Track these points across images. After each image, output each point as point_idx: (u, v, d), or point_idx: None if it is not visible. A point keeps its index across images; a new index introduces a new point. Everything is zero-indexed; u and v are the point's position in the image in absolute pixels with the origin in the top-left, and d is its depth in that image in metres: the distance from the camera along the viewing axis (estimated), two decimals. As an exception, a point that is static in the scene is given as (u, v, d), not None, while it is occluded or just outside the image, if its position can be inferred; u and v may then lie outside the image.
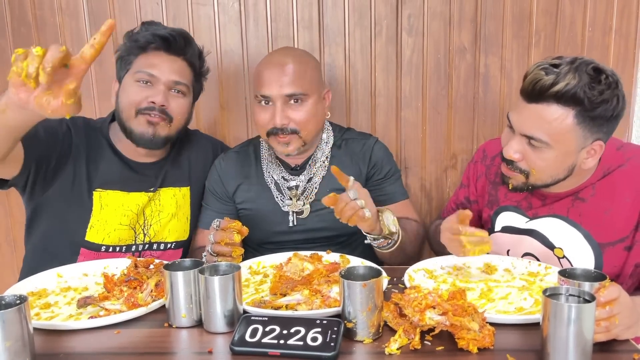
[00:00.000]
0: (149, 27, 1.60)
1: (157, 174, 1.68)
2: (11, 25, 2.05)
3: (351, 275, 1.15)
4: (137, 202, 1.65)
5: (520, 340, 1.10)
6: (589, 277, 1.11)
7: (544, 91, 1.28)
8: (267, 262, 1.54)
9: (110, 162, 1.64)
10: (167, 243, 1.71)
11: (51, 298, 1.34)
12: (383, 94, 2.08)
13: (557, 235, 1.46)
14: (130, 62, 1.57)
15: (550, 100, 1.28)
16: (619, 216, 1.39)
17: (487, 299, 1.28)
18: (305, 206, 1.68)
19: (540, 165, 1.35)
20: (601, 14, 2.01)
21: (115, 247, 1.65)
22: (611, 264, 1.41)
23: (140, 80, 1.55)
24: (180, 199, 1.72)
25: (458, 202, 1.73)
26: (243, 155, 1.77)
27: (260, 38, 2.05)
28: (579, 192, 1.44)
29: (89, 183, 1.61)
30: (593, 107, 1.26)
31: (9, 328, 0.99)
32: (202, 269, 1.17)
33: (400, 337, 1.08)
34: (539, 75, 1.29)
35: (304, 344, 1.05)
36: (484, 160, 1.65)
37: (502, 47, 2.03)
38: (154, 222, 1.68)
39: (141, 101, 1.55)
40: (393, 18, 2.02)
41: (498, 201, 1.58)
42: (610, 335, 1.03)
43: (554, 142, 1.31)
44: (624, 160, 1.41)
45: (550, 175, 1.37)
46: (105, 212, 1.62)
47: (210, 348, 1.09)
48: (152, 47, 1.57)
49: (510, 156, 1.37)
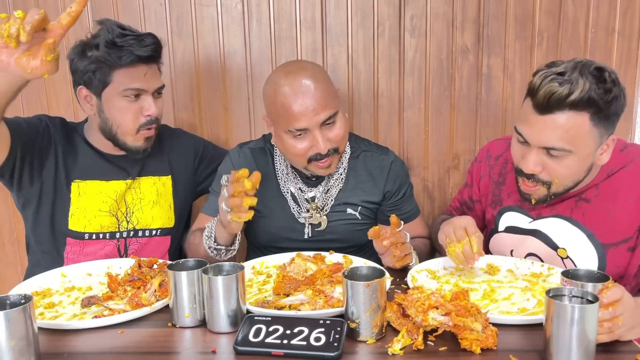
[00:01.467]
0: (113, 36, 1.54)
1: (133, 164, 1.72)
2: (15, 25, 2.05)
3: (354, 276, 1.16)
4: (115, 188, 1.69)
5: (523, 340, 1.10)
6: (592, 278, 1.11)
7: (562, 102, 1.26)
8: (270, 262, 1.54)
9: (88, 155, 1.69)
10: (152, 230, 1.74)
11: (55, 297, 1.35)
12: (385, 95, 2.08)
13: (560, 235, 1.47)
14: (108, 74, 1.56)
15: (564, 109, 1.27)
16: (623, 217, 1.39)
17: (490, 299, 1.28)
18: (323, 218, 1.66)
19: (563, 173, 1.34)
20: (604, 15, 2.01)
21: (99, 234, 1.68)
22: (615, 265, 1.41)
23: (129, 96, 1.58)
24: (161, 187, 1.76)
25: (462, 200, 1.73)
26: (260, 153, 1.72)
27: (263, 39, 2.05)
28: (582, 192, 1.44)
29: (68, 175, 1.66)
30: (606, 107, 1.26)
31: (14, 327, 0.99)
32: (206, 269, 1.18)
33: (404, 338, 1.08)
34: (552, 87, 1.26)
35: (308, 344, 1.06)
36: (488, 160, 1.65)
37: (505, 48, 2.03)
38: (136, 210, 1.72)
39: (137, 116, 1.60)
40: (396, 19, 2.03)
41: (501, 201, 1.58)
42: (613, 336, 1.03)
43: (575, 147, 1.29)
44: (627, 161, 1.42)
45: (573, 180, 1.37)
46: (83, 199, 1.66)
47: (214, 348, 1.10)
48: (134, 63, 1.57)
49: (531, 170, 1.35)
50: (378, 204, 1.71)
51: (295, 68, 1.56)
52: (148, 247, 1.74)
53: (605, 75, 1.27)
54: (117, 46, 1.53)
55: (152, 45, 1.58)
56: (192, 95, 2.11)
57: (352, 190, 1.68)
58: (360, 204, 1.68)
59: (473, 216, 1.62)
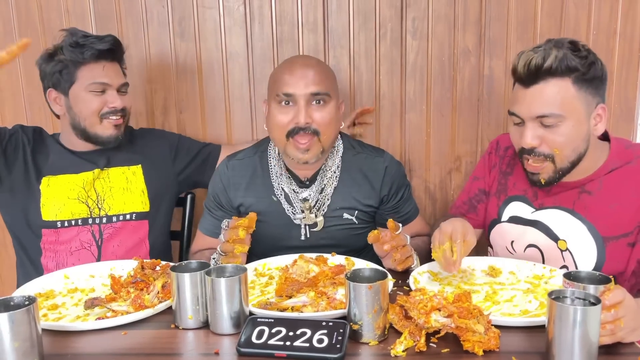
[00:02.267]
0: (76, 38, 1.68)
1: (100, 156, 1.79)
2: (18, 29, 2.06)
3: (357, 278, 1.16)
4: (83, 177, 1.76)
5: (526, 342, 1.10)
6: (593, 280, 1.12)
7: (539, 69, 1.35)
8: (272, 264, 1.54)
9: (58, 153, 1.77)
10: (125, 215, 1.79)
11: (59, 299, 1.36)
12: (387, 97, 2.09)
13: (561, 227, 1.47)
14: (74, 73, 1.68)
15: (547, 77, 1.35)
16: (624, 211, 1.40)
17: (492, 301, 1.28)
18: (319, 218, 1.64)
19: (561, 141, 1.37)
20: (605, 17, 2.02)
21: (71, 221, 1.74)
22: (614, 259, 1.41)
23: (95, 90, 1.68)
24: (131, 175, 1.82)
25: (471, 195, 1.69)
26: (248, 163, 1.71)
27: (265, 41, 2.06)
28: (585, 184, 1.45)
29: (38, 171, 1.74)
30: (586, 70, 1.34)
31: (18, 329, 1.00)
32: (209, 270, 1.18)
33: (406, 339, 1.08)
34: (528, 57, 1.36)
35: (310, 345, 1.06)
36: (497, 152, 1.66)
37: (507, 50, 2.03)
38: (107, 197, 1.78)
39: (101, 107, 1.70)
40: (397, 21, 2.03)
41: (507, 190, 1.59)
42: (615, 338, 1.04)
43: (565, 112, 1.35)
44: (632, 157, 1.44)
45: (573, 149, 1.38)
46: (52, 189, 1.73)
47: (216, 349, 1.10)
48: (96, 58, 1.68)
49: (529, 144, 1.39)
50: (375, 207, 1.70)
51: (305, 55, 1.79)
52: (124, 231, 1.78)
53: (579, 46, 1.37)
54: (80, 45, 1.66)
55: (112, 40, 1.70)
56: (194, 97, 2.11)
57: (348, 193, 1.66)
58: (356, 208, 1.67)
59: (483, 209, 1.64)
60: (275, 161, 1.69)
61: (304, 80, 1.53)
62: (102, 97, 1.70)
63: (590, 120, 1.38)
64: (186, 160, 1.93)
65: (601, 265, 1.43)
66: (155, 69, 2.09)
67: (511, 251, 1.58)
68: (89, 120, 1.70)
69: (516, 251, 1.56)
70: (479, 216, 1.67)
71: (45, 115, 2.10)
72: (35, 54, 1.91)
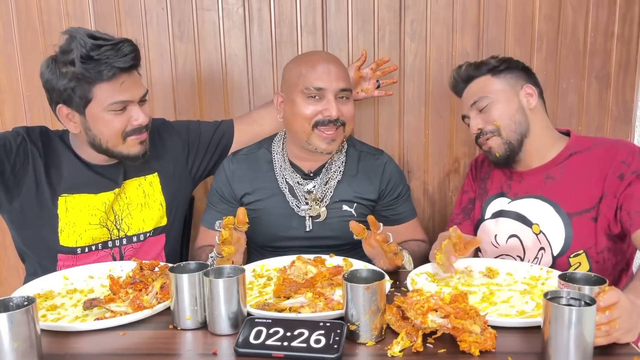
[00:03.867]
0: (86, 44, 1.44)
1: (118, 171, 1.65)
2: (18, 31, 2.07)
3: (354, 278, 1.16)
4: (104, 200, 1.63)
5: (522, 343, 1.11)
6: (589, 281, 1.12)
7: (460, 80, 1.66)
8: (270, 265, 1.55)
9: (74, 167, 1.61)
10: (145, 233, 1.70)
11: (57, 300, 1.36)
12: (386, 99, 2.09)
13: (533, 213, 1.60)
14: (89, 90, 1.47)
15: (469, 82, 1.65)
16: (585, 190, 1.53)
17: (489, 302, 1.28)
18: (322, 209, 1.68)
19: (496, 115, 1.59)
20: (603, 20, 2.03)
21: (91, 246, 1.63)
22: (581, 234, 1.52)
23: (115, 110, 1.51)
24: (147, 187, 1.71)
25: (463, 206, 1.80)
26: (253, 158, 1.76)
27: (264, 43, 2.06)
28: (549, 169, 1.60)
29: (52, 189, 1.58)
30: (499, 64, 1.61)
31: (17, 329, 1.00)
32: (207, 271, 1.18)
33: (403, 340, 1.09)
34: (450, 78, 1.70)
35: (308, 346, 1.06)
36: (476, 166, 1.83)
37: (505, 52, 2.04)
38: (124, 216, 1.67)
39: (125, 126, 1.53)
40: (396, 23, 2.04)
41: (487, 191, 1.73)
42: (610, 339, 1.04)
43: (490, 94, 1.59)
44: (591, 144, 1.58)
45: (510, 118, 1.58)
46: (71, 214, 1.60)
47: (214, 350, 1.10)
48: (112, 77, 1.48)
49: (475, 128, 1.62)
50: (374, 201, 1.73)
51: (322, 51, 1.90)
52: (143, 249, 1.71)
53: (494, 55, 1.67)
54: (94, 60, 1.44)
55: (131, 53, 1.49)
56: (193, 99, 2.12)
57: (349, 187, 1.70)
58: (355, 201, 1.70)
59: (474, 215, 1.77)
60: (279, 155, 1.73)
61: (335, 74, 1.61)
62: (124, 114, 1.52)
63: (520, 97, 1.59)
64: (200, 155, 1.82)
65: (570, 240, 1.53)
66: (154, 71, 2.09)
67: (495, 245, 1.67)
68: (112, 142, 1.54)
69: (499, 244, 1.66)
70: (473, 222, 1.77)
71: (45, 116, 2.11)
72: (35, 54, 1.92)
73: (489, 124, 1.60)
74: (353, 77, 1.88)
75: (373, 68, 1.91)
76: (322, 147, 1.63)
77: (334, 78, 1.60)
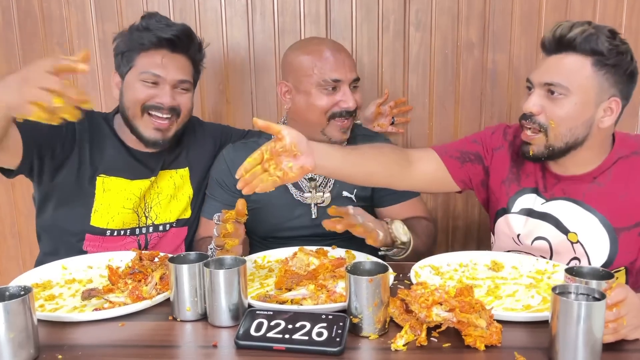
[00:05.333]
0: (149, 21, 1.57)
1: (157, 161, 1.69)
2: (18, 18, 2.05)
3: (357, 271, 1.15)
4: (140, 186, 1.66)
5: (528, 338, 1.09)
6: (596, 276, 1.10)
7: (563, 37, 1.34)
8: (272, 256, 1.53)
9: (115, 150, 1.65)
10: (171, 223, 1.73)
11: (56, 290, 1.34)
12: (390, 89, 2.07)
13: (571, 219, 1.45)
14: (133, 59, 1.56)
15: (570, 50, 1.34)
16: (634, 200, 1.39)
17: (494, 296, 1.27)
18: (326, 195, 1.68)
19: (559, 115, 1.35)
20: (611, 11, 1.99)
21: (120, 230, 1.66)
22: (626, 250, 1.41)
23: (146, 80, 1.55)
24: (178, 179, 1.73)
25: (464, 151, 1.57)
26: (253, 146, 1.70)
27: (266, 32, 2.04)
28: (594, 176, 1.43)
29: (93, 169, 1.62)
30: (609, 57, 1.32)
31: (13, 319, 0.99)
32: (207, 262, 1.17)
33: (407, 333, 1.07)
34: (557, 24, 1.37)
35: (309, 338, 1.05)
36: (506, 136, 1.58)
37: (511, 43, 2.01)
38: (154, 205, 1.70)
39: (147, 99, 1.56)
40: (401, 13, 2.01)
41: (519, 180, 1.54)
42: (618, 336, 1.02)
43: (573, 88, 1.33)
44: (637, 147, 1.43)
45: (569, 128, 1.36)
46: (107, 195, 1.63)
47: (215, 342, 1.09)
48: (156, 46, 1.56)
49: (529, 109, 1.38)
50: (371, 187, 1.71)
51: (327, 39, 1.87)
52: (166, 238, 1.73)
53: (616, 35, 1.35)
54: (145, 29, 1.55)
55: (179, 32, 1.56)
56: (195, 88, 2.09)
57: None
58: (355, 186, 1.69)
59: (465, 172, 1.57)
60: None
61: (348, 66, 1.62)
62: (152, 89, 1.56)
63: (599, 109, 1.36)
64: None
65: (614, 257, 1.41)
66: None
67: (517, 243, 1.54)
68: (132, 111, 1.57)
69: (523, 243, 1.53)
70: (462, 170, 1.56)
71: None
72: (34, 42, 1.90)
73: (545, 117, 1.37)
74: (373, 112, 2.00)
75: (391, 106, 2.02)
76: (339, 136, 1.66)
77: (349, 69, 1.62)
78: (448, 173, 1.53)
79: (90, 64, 1.12)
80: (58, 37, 2.05)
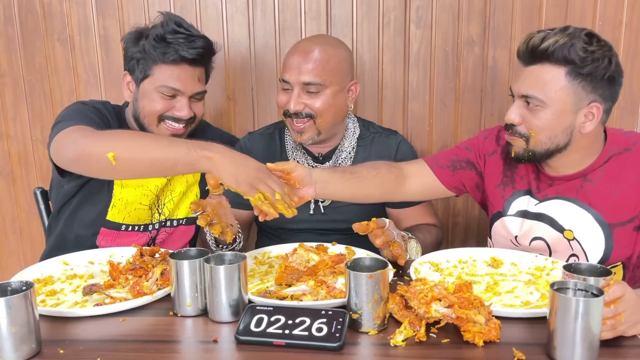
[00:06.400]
0: (167, 29, 1.53)
1: None
2: (18, 13, 2.05)
3: (357, 267, 1.15)
4: (157, 183, 1.68)
5: (527, 334, 1.10)
6: (594, 272, 1.11)
7: (535, 49, 1.34)
8: (272, 252, 1.54)
9: None
10: (179, 219, 1.75)
11: (57, 285, 1.35)
12: (390, 86, 2.07)
13: (566, 217, 1.46)
14: (149, 67, 1.55)
15: (544, 61, 1.34)
16: (627, 197, 1.41)
17: (493, 292, 1.27)
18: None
19: (537, 125, 1.37)
20: (612, 8, 1.99)
21: (135, 226, 1.69)
22: (621, 245, 1.42)
23: (164, 93, 1.56)
24: (191, 177, 1.75)
25: (456, 160, 1.61)
26: (268, 138, 1.79)
27: (267, 29, 2.04)
28: (587, 174, 1.44)
29: None
30: (583, 65, 1.31)
31: (15, 314, 1.00)
32: (208, 258, 1.17)
33: (406, 329, 1.07)
34: (531, 35, 1.37)
35: (309, 334, 1.05)
36: (499, 141, 1.61)
37: (511, 40, 2.01)
38: (167, 202, 1.72)
39: (165, 110, 1.57)
40: (401, 10, 2.01)
41: (514, 183, 1.56)
42: (616, 333, 1.03)
43: (548, 100, 1.34)
44: (629, 144, 1.44)
45: (548, 137, 1.38)
46: (125, 190, 1.65)
47: (215, 337, 1.09)
48: (176, 62, 1.55)
49: (510, 119, 1.40)
50: None
51: (317, 36, 1.84)
52: (173, 236, 1.76)
53: (593, 40, 1.33)
54: (166, 42, 1.52)
55: (201, 49, 1.56)
56: (195, 85, 2.09)
57: None
58: None
59: (457, 179, 1.60)
60: (291, 137, 1.75)
61: (299, 68, 1.60)
62: (170, 101, 1.57)
63: (579, 115, 1.36)
64: None
65: (610, 252, 1.42)
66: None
67: (515, 244, 1.55)
68: (148, 119, 1.59)
69: (520, 244, 1.54)
70: (453, 178, 1.60)
71: (45, 100, 2.09)
72: (35, 38, 1.90)
73: (526, 127, 1.39)
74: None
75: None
76: (294, 137, 1.68)
77: (300, 71, 1.60)
78: (440, 183, 1.59)
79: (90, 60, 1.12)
80: (59, 32, 2.06)
